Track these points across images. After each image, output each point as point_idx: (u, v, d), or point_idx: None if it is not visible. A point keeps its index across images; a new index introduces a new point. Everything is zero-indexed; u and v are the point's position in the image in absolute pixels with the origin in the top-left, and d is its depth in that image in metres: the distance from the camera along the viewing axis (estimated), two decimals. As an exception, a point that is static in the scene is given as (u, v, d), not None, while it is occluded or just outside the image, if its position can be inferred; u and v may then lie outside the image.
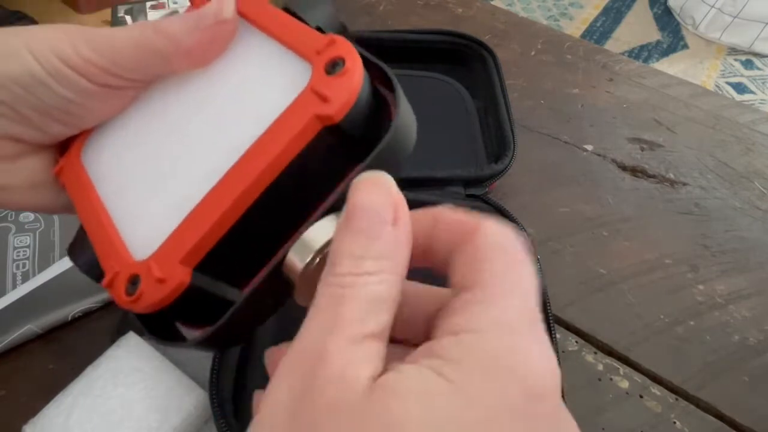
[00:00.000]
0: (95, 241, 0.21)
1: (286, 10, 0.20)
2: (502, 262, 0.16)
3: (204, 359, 0.36)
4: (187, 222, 0.18)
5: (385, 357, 0.15)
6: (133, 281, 0.18)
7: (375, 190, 0.17)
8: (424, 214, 0.18)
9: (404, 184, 0.47)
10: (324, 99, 0.17)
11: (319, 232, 0.17)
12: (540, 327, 0.16)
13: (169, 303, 0.18)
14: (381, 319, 0.15)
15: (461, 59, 0.55)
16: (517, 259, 0.16)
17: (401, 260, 0.16)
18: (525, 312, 0.15)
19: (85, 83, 0.21)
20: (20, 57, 0.20)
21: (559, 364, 0.34)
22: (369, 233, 0.16)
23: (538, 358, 0.15)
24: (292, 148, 0.17)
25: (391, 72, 0.19)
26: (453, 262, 0.17)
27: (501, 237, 0.17)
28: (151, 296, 0.17)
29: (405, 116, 0.18)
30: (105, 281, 0.19)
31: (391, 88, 0.19)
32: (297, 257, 0.17)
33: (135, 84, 0.22)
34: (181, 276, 0.17)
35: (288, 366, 0.15)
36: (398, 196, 0.17)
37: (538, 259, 0.39)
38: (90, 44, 0.20)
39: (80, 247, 0.23)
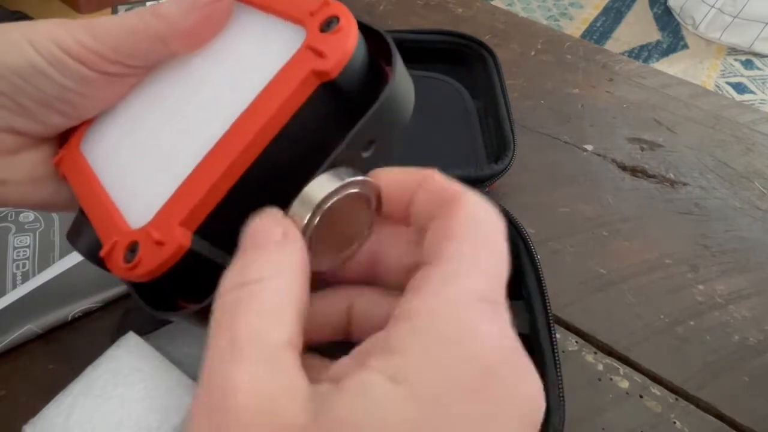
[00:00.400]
0: (95, 221, 0.20)
1: None
2: (472, 242, 0.15)
3: (204, 360, 0.36)
4: (185, 186, 0.17)
5: (309, 365, 0.15)
6: (132, 248, 0.17)
7: (263, 217, 0.16)
8: (412, 173, 0.18)
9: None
10: (320, 54, 0.17)
11: (318, 187, 0.17)
12: (502, 313, 0.15)
13: (168, 268, 0.17)
14: (285, 329, 0.14)
15: (461, 59, 0.55)
16: (489, 239, 0.16)
17: (295, 262, 0.16)
18: (485, 293, 0.15)
19: (85, 71, 0.20)
20: (20, 47, 0.20)
21: (558, 363, 0.34)
22: (254, 247, 0.16)
23: (488, 336, 0.14)
24: (289, 106, 0.17)
25: (387, 36, 0.18)
26: (427, 233, 0.17)
27: (479, 216, 0.16)
28: (151, 261, 0.17)
29: (401, 79, 0.18)
30: (103, 252, 0.18)
31: (389, 57, 0.18)
32: (297, 215, 0.17)
33: (135, 71, 0.22)
34: (180, 239, 0.17)
35: (199, 408, 0.14)
36: (286, 221, 0.16)
37: (537, 259, 0.39)
38: (89, 32, 0.20)
39: (79, 232, 0.22)
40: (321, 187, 0.17)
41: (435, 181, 0.17)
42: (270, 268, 0.15)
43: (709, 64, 1.69)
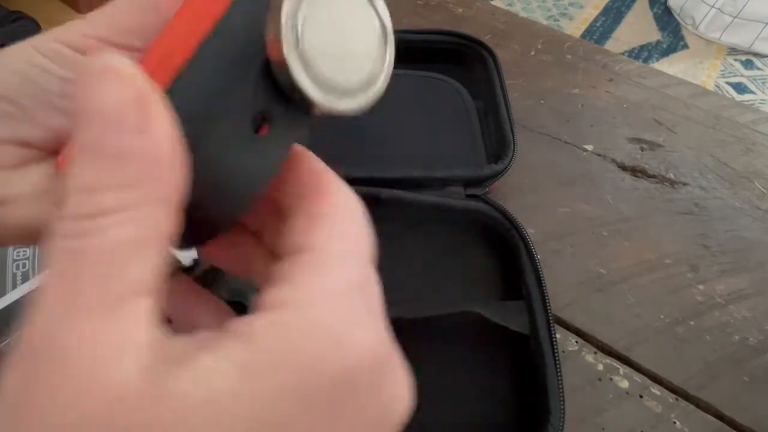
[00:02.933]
0: None
1: None
2: (345, 227, 0.15)
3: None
4: (150, 50, 0.15)
5: (163, 318, 0.12)
6: None
7: (108, 83, 0.12)
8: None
9: (404, 184, 0.47)
10: None
11: None
12: (375, 299, 0.14)
13: None
14: (140, 272, 0.12)
15: (461, 59, 0.55)
16: (361, 224, 0.15)
17: (165, 181, 0.12)
18: (360, 282, 0.14)
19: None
20: (22, 50, 0.19)
21: (558, 363, 0.34)
22: (104, 150, 0.12)
23: (359, 345, 0.13)
24: None
25: None
26: (293, 217, 0.15)
27: (351, 203, 0.16)
28: None
29: None
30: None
31: None
32: (272, 33, 0.14)
33: (135, 55, 0.21)
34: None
35: (17, 378, 0.11)
36: (145, 87, 0.12)
37: (537, 259, 0.39)
38: (87, 20, 0.19)
39: None
40: None
41: (310, 161, 0.17)
42: (132, 196, 0.12)
43: (709, 64, 1.69)
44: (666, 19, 1.85)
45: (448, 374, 0.37)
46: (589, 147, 0.53)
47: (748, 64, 1.70)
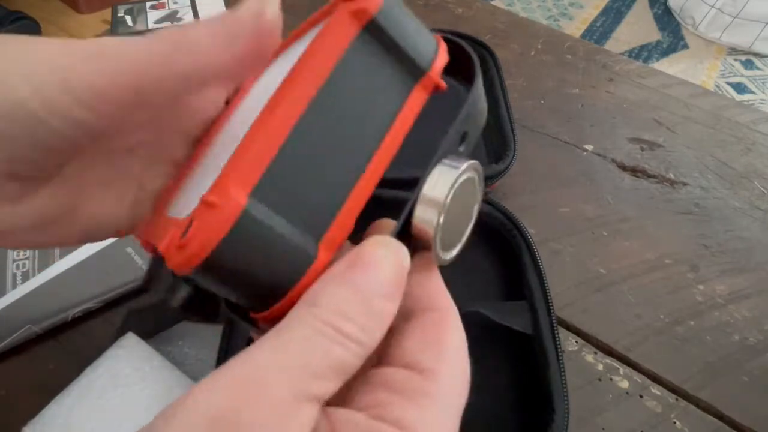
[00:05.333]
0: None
1: None
2: (456, 361, 0.17)
3: (204, 360, 0.36)
4: (236, 154, 0.16)
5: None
6: (187, 226, 0.15)
7: (392, 255, 0.16)
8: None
9: (404, 184, 0.47)
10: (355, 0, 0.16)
11: (437, 181, 0.17)
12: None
13: (225, 234, 0.15)
14: (330, 387, 0.15)
15: (459, 59, 0.55)
16: (465, 358, 0.17)
17: (377, 339, 0.16)
18: (459, 411, 0.16)
19: (93, 121, 0.16)
20: (10, 85, 0.15)
21: (562, 363, 0.34)
22: (366, 299, 0.15)
23: None
24: (332, 51, 0.16)
25: (468, 48, 0.20)
26: (408, 328, 0.17)
27: (459, 331, 0.18)
28: (205, 229, 0.15)
29: (479, 85, 0.19)
30: (161, 245, 0.16)
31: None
32: (422, 221, 0.17)
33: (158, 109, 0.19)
34: (236, 196, 0.15)
35: (224, 376, 0.14)
36: (405, 272, 0.16)
37: (538, 259, 0.39)
38: (100, 68, 0.16)
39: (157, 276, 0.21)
40: (441, 180, 0.17)
41: (432, 278, 0.19)
42: (363, 338, 0.15)
43: (709, 64, 1.69)
44: (666, 19, 1.85)
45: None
46: (589, 147, 0.53)
47: (748, 64, 1.70)
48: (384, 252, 0.16)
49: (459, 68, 0.20)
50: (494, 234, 0.42)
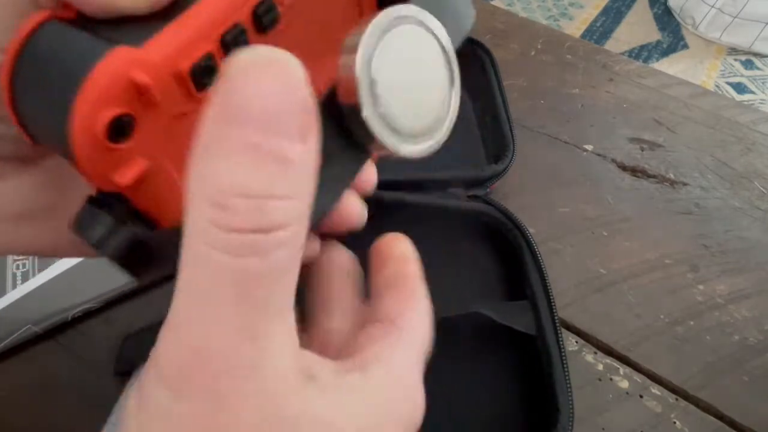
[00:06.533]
0: None
1: None
2: (421, 317, 0.18)
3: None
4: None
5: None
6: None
7: (277, 79, 0.10)
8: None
9: (404, 186, 0.47)
10: None
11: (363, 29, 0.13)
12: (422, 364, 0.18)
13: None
14: (287, 297, 0.12)
15: (458, 59, 0.55)
16: (429, 316, 0.19)
17: (310, 198, 0.11)
18: (422, 355, 0.18)
19: None
20: None
21: (565, 362, 0.34)
22: (268, 154, 0.10)
23: (422, 403, 0.17)
24: None
25: None
26: (387, 290, 0.20)
27: (425, 300, 0.20)
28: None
29: None
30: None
31: None
32: (346, 66, 0.13)
33: None
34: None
35: (183, 377, 0.11)
36: (309, 90, 0.11)
37: (539, 258, 0.39)
38: None
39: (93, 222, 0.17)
40: (367, 26, 0.13)
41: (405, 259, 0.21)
42: (294, 208, 0.11)
43: (709, 64, 1.69)
44: (666, 19, 1.85)
45: (455, 376, 0.37)
46: (589, 147, 0.53)
47: (748, 64, 1.70)
48: (250, 64, 0.10)
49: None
50: (494, 234, 0.42)
